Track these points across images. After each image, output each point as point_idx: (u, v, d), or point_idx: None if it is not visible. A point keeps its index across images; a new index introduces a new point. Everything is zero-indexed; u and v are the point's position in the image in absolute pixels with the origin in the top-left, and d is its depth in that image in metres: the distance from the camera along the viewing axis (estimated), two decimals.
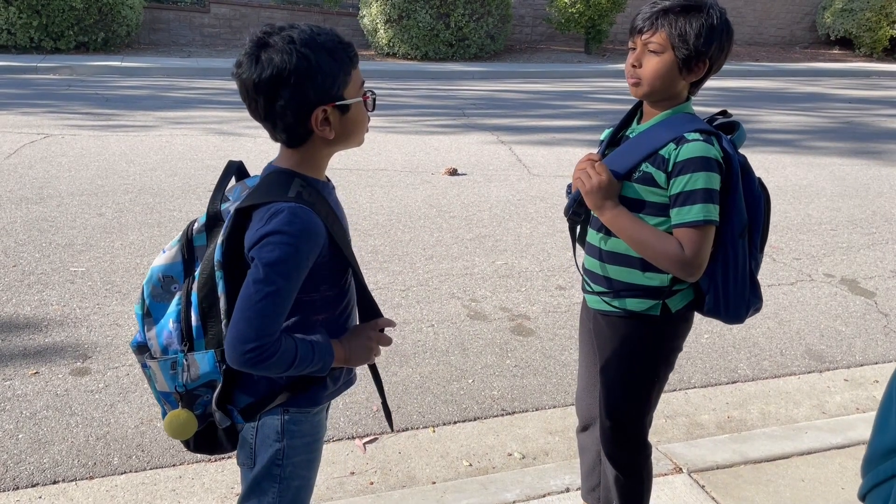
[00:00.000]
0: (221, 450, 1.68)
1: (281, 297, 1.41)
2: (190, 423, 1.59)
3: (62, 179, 5.78)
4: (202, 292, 1.50)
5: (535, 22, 16.15)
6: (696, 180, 1.72)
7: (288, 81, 1.39)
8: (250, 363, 1.41)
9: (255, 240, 1.41)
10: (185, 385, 1.56)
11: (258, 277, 1.39)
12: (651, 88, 1.80)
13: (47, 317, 3.72)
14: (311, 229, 1.42)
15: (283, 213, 1.40)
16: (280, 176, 1.49)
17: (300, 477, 1.65)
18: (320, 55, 1.41)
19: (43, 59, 11.55)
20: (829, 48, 17.88)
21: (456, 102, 10.03)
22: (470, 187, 6.14)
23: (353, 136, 1.54)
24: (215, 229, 1.53)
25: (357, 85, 1.49)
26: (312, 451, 1.66)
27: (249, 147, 7.03)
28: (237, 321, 1.40)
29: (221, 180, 1.59)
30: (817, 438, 2.94)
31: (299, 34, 1.41)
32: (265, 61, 1.39)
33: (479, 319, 3.92)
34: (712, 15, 1.75)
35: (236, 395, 1.59)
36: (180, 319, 1.53)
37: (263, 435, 1.60)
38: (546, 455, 2.88)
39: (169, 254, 1.57)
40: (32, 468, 2.66)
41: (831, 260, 4.96)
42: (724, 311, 1.85)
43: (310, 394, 1.59)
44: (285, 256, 1.39)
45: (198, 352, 1.53)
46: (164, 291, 1.57)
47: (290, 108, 1.42)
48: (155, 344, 1.57)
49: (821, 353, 3.76)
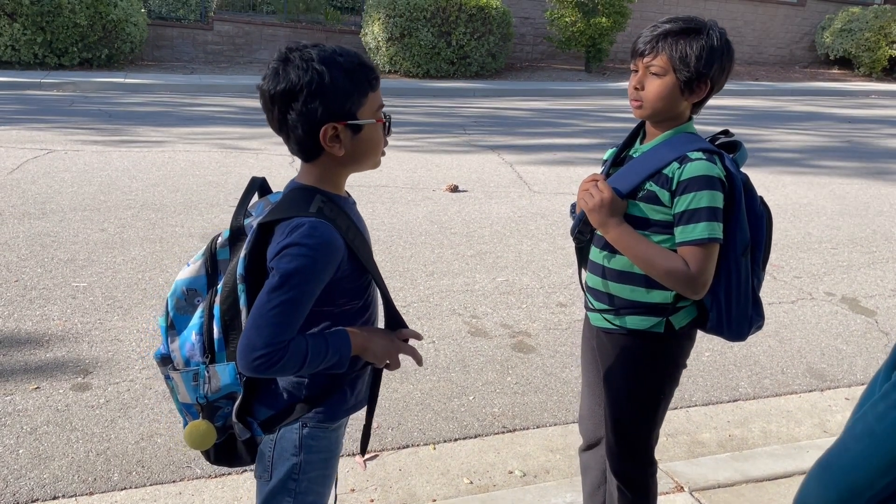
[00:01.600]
0: (240, 462, 1.70)
1: (294, 308, 1.43)
2: (209, 434, 1.61)
3: (65, 195, 5.80)
4: (225, 305, 1.53)
5: (536, 41, 16.26)
6: (700, 199, 1.74)
7: (300, 95, 1.45)
8: (259, 369, 1.44)
9: (276, 252, 1.44)
10: (206, 396, 1.59)
11: (273, 286, 1.43)
12: (653, 110, 1.82)
13: (49, 332, 3.72)
14: (330, 243, 1.46)
15: (304, 227, 1.44)
16: (302, 192, 1.53)
17: (315, 493, 1.66)
18: (335, 73, 1.45)
19: (47, 75, 11.61)
20: (829, 68, 17.99)
21: (457, 120, 10.08)
22: (471, 204, 6.16)
23: (367, 158, 1.58)
24: (238, 244, 1.57)
25: (374, 107, 1.53)
26: (328, 467, 1.68)
27: (252, 163, 7.06)
28: (248, 328, 1.44)
29: (245, 196, 1.63)
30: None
31: (319, 52, 1.46)
32: (282, 75, 1.45)
33: (479, 336, 3.92)
34: (713, 36, 1.77)
35: (256, 408, 1.61)
36: (203, 332, 1.57)
37: (281, 448, 1.62)
38: (547, 473, 2.87)
39: (193, 267, 1.61)
40: (33, 483, 2.65)
41: (832, 278, 4.96)
42: (726, 329, 1.86)
43: (329, 408, 1.61)
44: (301, 267, 1.42)
45: (219, 364, 1.56)
46: (187, 304, 1.61)
47: (300, 122, 1.47)
48: (178, 356, 1.60)
49: (822, 372, 3.76)
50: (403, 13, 13.34)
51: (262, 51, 14.88)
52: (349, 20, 15.98)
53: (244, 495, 2.64)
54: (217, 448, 1.66)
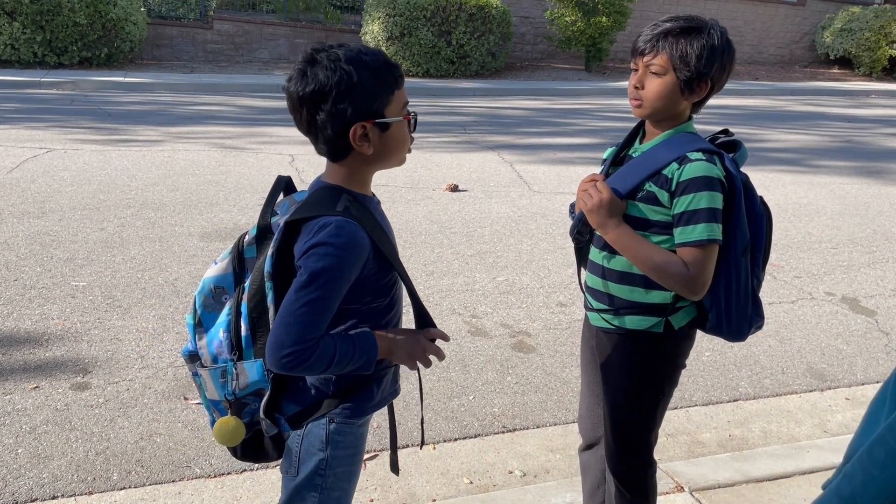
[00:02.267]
0: (267, 458, 1.71)
1: (321, 306, 1.45)
2: (238, 431, 1.63)
3: (64, 194, 5.79)
4: (252, 302, 1.55)
5: (536, 40, 16.25)
6: (700, 199, 1.73)
7: (329, 96, 1.46)
8: (288, 367, 1.45)
9: (303, 251, 1.46)
10: (234, 393, 1.60)
11: (301, 285, 1.44)
12: (653, 109, 1.82)
13: (48, 331, 3.72)
14: (357, 242, 1.47)
15: (331, 226, 1.45)
16: (328, 191, 1.55)
17: (340, 488, 1.68)
18: (362, 73, 1.46)
19: (46, 73, 11.60)
20: (829, 67, 17.98)
21: (457, 119, 10.08)
22: (471, 203, 6.15)
23: (394, 155, 1.58)
24: (265, 242, 1.58)
25: (399, 105, 1.54)
26: (354, 463, 1.70)
27: (251, 162, 7.05)
28: (277, 326, 1.45)
29: (271, 194, 1.65)
30: (819, 457, 2.93)
31: (345, 52, 1.47)
32: (310, 76, 1.46)
33: (479, 336, 3.92)
34: (713, 35, 1.77)
35: (284, 404, 1.63)
36: (230, 329, 1.58)
37: (308, 444, 1.63)
38: (547, 473, 2.87)
39: (220, 265, 1.63)
40: (32, 483, 2.65)
41: (832, 278, 4.96)
42: (726, 329, 1.86)
43: (356, 404, 1.63)
44: (329, 267, 1.44)
45: (247, 361, 1.57)
46: (215, 302, 1.63)
47: (329, 122, 1.48)
48: (206, 353, 1.62)
49: (822, 372, 3.76)
50: (403, 12, 13.33)
51: (261, 50, 14.88)
52: (349, 19, 15.96)
53: (244, 495, 2.64)
54: (244, 444, 1.68)
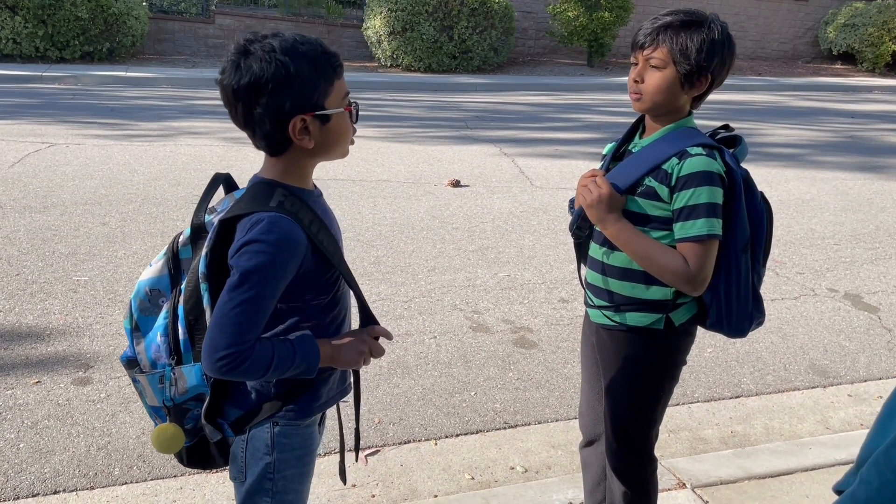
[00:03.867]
0: (214, 464, 1.66)
1: (256, 306, 1.39)
2: (177, 438, 1.57)
3: (66, 188, 5.79)
4: (188, 305, 1.49)
5: (538, 35, 16.21)
6: (700, 195, 1.73)
7: (265, 88, 1.39)
8: (223, 370, 1.39)
9: (235, 249, 1.40)
10: (173, 399, 1.55)
11: (233, 285, 1.38)
12: (653, 103, 1.80)
13: (49, 326, 3.72)
14: (291, 238, 1.41)
15: (263, 223, 1.39)
16: (263, 186, 1.48)
17: (293, 491, 1.63)
18: (300, 64, 1.39)
19: (48, 68, 11.60)
20: (832, 63, 17.92)
21: (459, 114, 10.06)
22: (473, 199, 6.14)
23: (335, 147, 1.52)
24: (200, 241, 1.52)
25: (340, 95, 1.47)
26: (305, 464, 1.64)
27: (253, 157, 7.04)
28: (211, 328, 1.39)
29: (206, 192, 1.58)
30: (822, 454, 2.93)
31: (280, 42, 1.40)
32: (244, 68, 1.39)
33: (481, 331, 3.92)
34: (714, 29, 1.75)
35: (226, 408, 1.57)
36: (168, 333, 1.53)
37: (253, 448, 1.58)
38: (549, 469, 2.86)
39: (155, 267, 1.56)
40: (33, 478, 2.65)
41: (834, 275, 4.95)
42: (726, 325, 1.85)
43: (300, 405, 1.57)
44: (261, 265, 1.38)
45: (185, 365, 1.52)
46: (151, 305, 1.56)
47: (267, 116, 1.41)
48: (144, 358, 1.56)
49: (824, 369, 3.75)
50: (405, 7, 13.31)
51: None
52: (351, 14, 15.93)
53: None
54: (189, 450, 1.63)
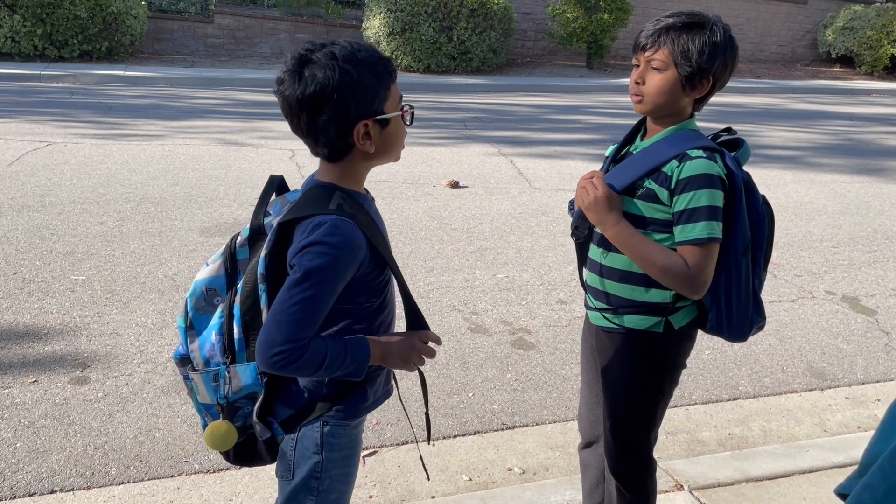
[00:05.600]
0: (261, 461, 1.69)
1: (314, 305, 1.41)
2: (230, 435, 1.60)
3: (64, 187, 5.78)
4: (245, 305, 1.51)
5: (538, 36, 16.21)
6: (700, 197, 1.72)
7: (331, 97, 1.41)
8: (277, 366, 1.42)
9: (298, 249, 1.43)
10: (226, 397, 1.57)
11: (294, 282, 1.41)
12: (654, 105, 1.80)
13: (47, 325, 3.71)
14: (352, 241, 1.44)
15: (326, 226, 1.42)
16: (321, 189, 1.51)
17: (337, 490, 1.66)
18: (361, 71, 1.43)
19: (46, 67, 11.58)
20: (831, 66, 17.95)
21: (458, 115, 10.06)
22: (471, 200, 6.14)
23: (392, 150, 1.57)
24: (258, 243, 1.55)
25: (396, 99, 1.52)
26: (350, 464, 1.67)
27: (251, 157, 7.04)
28: (268, 324, 1.42)
29: (264, 194, 1.61)
30: (819, 457, 2.93)
31: (341, 50, 1.43)
32: (308, 78, 1.41)
33: (479, 332, 3.91)
34: (716, 32, 1.75)
35: (277, 407, 1.60)
36: (223, 332, 1.55)
37: (302, 447, 1.61)
38: (546, 470, 2.86)
39: (212, 267, 1.59)
40: (30, 477, 2.65)
41: (832, 277, 4.95)
42: (727, 329, 1.85)
43: (349, 405, 1.60)
44: (324, 265, 1.41)
45: (240, 364, 1.54)
46: (207, 304, 1.59)
47: (332, 124, 1.44)
48: (197, 356, 1.59)
49: (822, 371, 3.75)
50: (405, 8, 13.30)
51: (262, 44, 14.85)
52: (350, 14, 15.92)
53: (242, 490, 2.63)
54: (237, 447, 1.65)
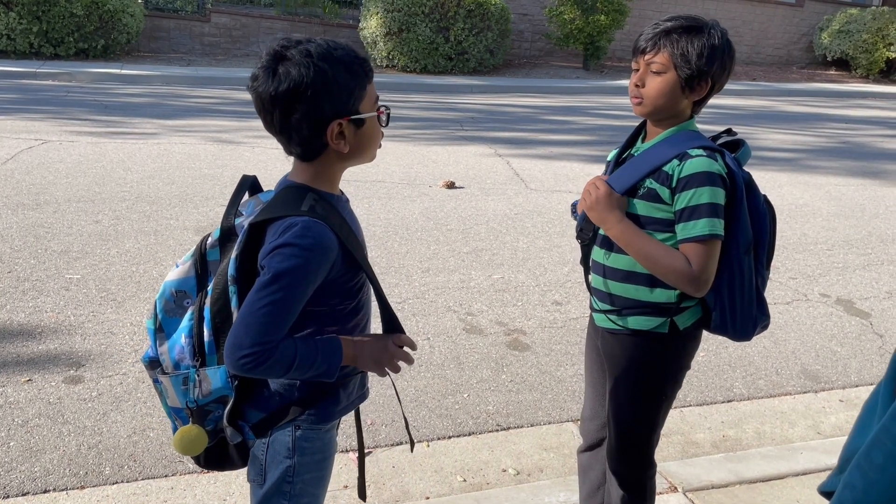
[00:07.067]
0: (232, 466, 1.66)
1: (284, 307, 1.40)
2: (200, 439, 1.58)
3: (59, 186, 5.76)
4: (215, 307, 1.49)
5: (535, 37, 16.22)
6: (701, 195, 1.74)
7: (305, 95, 1.39)
8: (245, 368, 1.40)
9: (268, 251, 1.41)
10: (196, 401, 1.55)
11: (263, 284, 1.39)
12: (654, 107, 1.82)
13: (41, 324, 3.70)
14: (323, 243, 1.42)
15: (297, 227, 1.40)
16: (294, 191, 1.49)
17: (310, 494, 1.64)
18: (337, 69, 1.41)
19: (42, 64, 11.54)
20: (826, 69, 17.99)
21: (454, 115, 10.06)
22: (467, 200, 6.14)
23: (367, 151, 1.54)
24: (229, 244, 1.53)
25: (372, 99, 1.50)
26: (323, 468, 1.65)
27: (248, 157, 7.03)
28: (236, 326, 1.40)
29: (235, 195, 1.59)
30: (812, 459, 2.94)
31: (316, 48, 1.41)
32: (282, 74, 1.39)
33: (474, 333, 3.91)
34: (714, 35, 1.78)
35: (248, 411, 1.58)
36: (193, 334, 1.53)
37: (274, 451, 1.59)
38: (541, 471, 2.86)
39: (182, 268, 1.56)
40: (23, 476, 2.64)
41: (827, 280, 4.97)
42: (731, 328, 1.86)
43: (321, 409, 1.58)
44: (294, 267, 1.39)
45: (210, 367, 1.52)
46: (176, 306, 1.56)
47: (305, 122, 1.42)
48: (167, 359, 1.56)
49: (816, 374, 3.76)
50: (402, 8, 13.29)
51: (259, 44, 14.82)
52: (347, 14, 15.91)
53: (236, 491, 2.63)
54: (207, 451, 1.63)
